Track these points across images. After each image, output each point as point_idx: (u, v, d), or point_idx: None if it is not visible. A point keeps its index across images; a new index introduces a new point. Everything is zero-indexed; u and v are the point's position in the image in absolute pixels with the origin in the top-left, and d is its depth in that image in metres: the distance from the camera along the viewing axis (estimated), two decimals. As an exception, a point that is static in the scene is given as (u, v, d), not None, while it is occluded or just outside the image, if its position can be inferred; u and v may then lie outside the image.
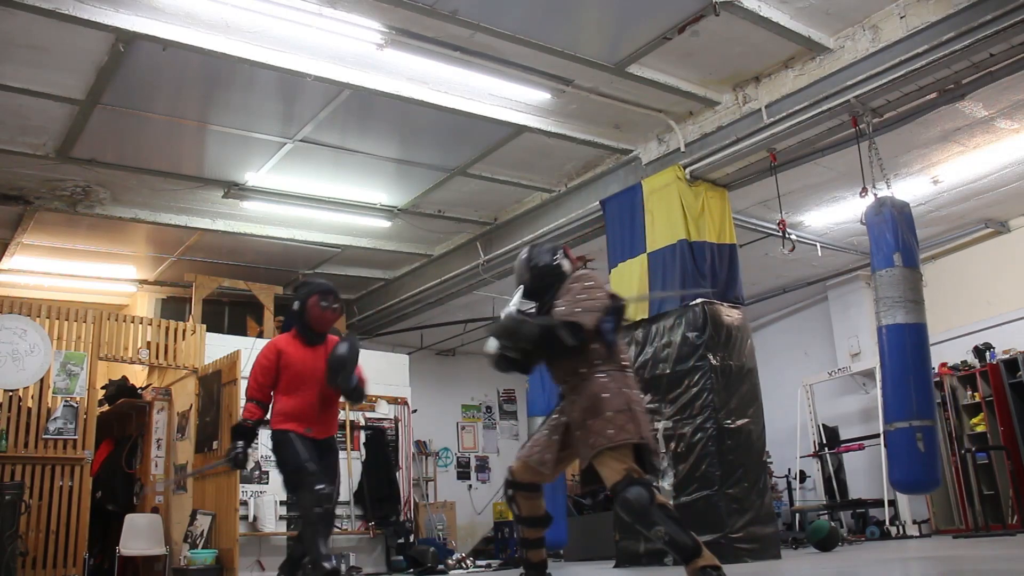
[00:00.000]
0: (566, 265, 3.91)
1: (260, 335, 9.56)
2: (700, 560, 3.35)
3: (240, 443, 4.51)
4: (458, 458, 12.77)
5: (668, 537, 3.38)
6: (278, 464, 4.63)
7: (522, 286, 3.94)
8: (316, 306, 4.62)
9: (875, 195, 5.77)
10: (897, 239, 5.49)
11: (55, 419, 7.39)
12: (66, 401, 7.50)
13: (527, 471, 3.81)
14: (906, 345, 5.40)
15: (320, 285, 4.75)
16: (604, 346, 3.67)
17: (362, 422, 9.37)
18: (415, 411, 10.15)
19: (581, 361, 3.65)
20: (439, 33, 5.57)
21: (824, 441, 10.43)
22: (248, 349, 8.40)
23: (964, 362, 9.39)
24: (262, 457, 8.51)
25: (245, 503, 8.06)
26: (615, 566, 6.78)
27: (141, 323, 8.43)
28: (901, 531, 9.24)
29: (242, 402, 7.97)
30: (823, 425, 10.57)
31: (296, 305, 4.67)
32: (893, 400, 5.42)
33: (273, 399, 4.65)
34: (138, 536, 7.70)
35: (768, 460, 8.08)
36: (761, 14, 5.58)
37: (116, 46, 5.43)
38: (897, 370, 5.42)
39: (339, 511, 8.80)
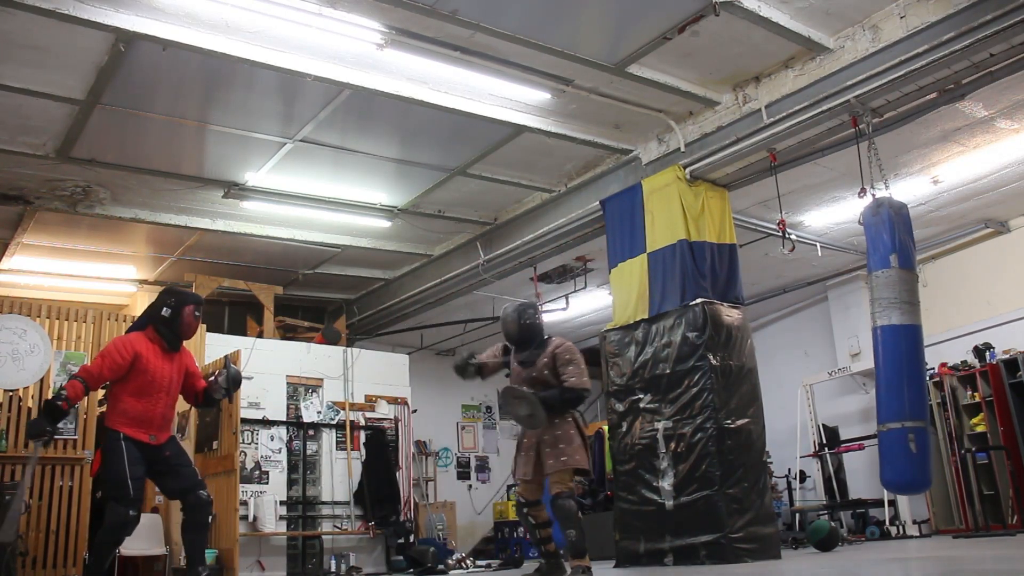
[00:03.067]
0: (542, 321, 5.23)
1: (260, 335, 9.56)
2: (584, 561, 4.90)
3: (50, 428, 4.45)
4: (458, 458, 12.76)
5: (575, 538, 4.89)
6: (103, 464, 4.58)
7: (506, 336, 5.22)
8: (191, 315, 4.74)
9: (873, 195, 5.76)
10: (894, 240, 5.47)
11: (55, 419, 7.38)
12: (66, 401, 7.49)
13: (529, 490, 5.07)
14: (901, 346, 5.40)
15: (194, 296, 4.92)
16: None
17: (362, 422, 9.38)
18: (415, 411, 10.16)
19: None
20: (439, 33, 5.57)
21: (824, 441, 10.43)
22: (248, 349, 8.42)
23: (964, 362, 9.39)
24: (262, 457, 8.52)
25: (245, 503, 8.07)
26: (615, 566, 6.77)
27: (141, 323, 8.41)
28: (901, 531, 9.25)
29: (243, 403, 8.00)
30: (823, 425, 10.57)
31: (167, 312, 4.70)
32: (886, 401, 5.42)
33: (112, 395, 4.60)
34: (138, 536, 7.59)
35: (768, 460, 8.08)
36: (761, 14, 5.58)
37: (116, 46, 5.43)
38: (891, 371, 5.41)
39: (339, 511, 8.90)
